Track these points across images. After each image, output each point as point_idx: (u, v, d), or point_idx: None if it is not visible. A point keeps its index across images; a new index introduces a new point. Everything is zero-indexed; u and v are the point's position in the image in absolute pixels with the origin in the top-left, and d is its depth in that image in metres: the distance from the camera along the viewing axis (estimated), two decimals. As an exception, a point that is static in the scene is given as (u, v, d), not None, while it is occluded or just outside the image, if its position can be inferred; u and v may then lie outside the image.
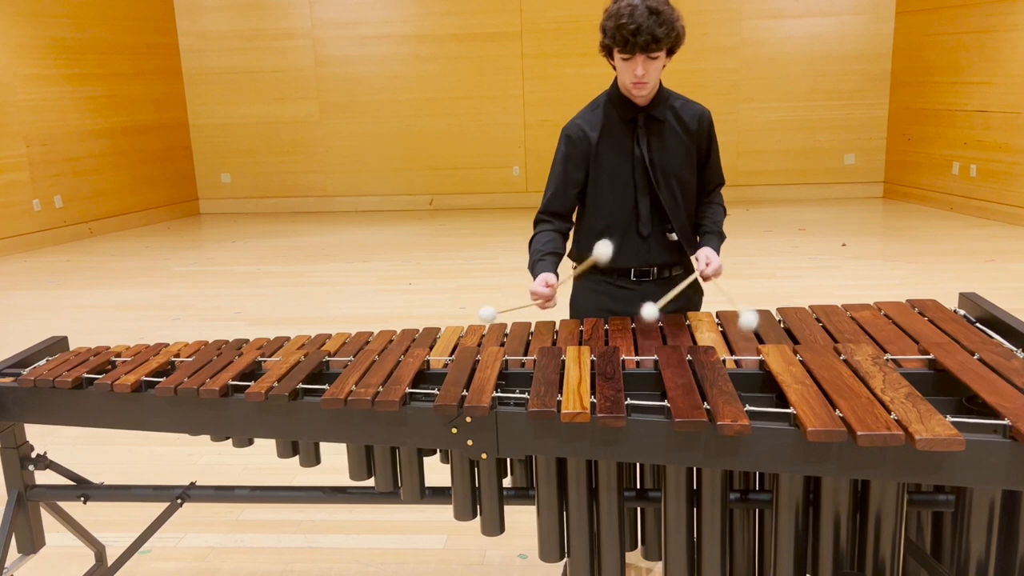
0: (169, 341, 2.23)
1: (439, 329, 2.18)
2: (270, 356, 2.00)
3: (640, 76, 2.02)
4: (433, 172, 9.38)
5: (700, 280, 2.20)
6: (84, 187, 8.28)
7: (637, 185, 2.17)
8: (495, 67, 9.02)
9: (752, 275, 5.66)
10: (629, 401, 1.59)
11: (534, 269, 2.16)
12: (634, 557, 2.37)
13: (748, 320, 1.92)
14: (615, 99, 2.17)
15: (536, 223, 2.27)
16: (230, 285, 6.34)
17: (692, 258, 2.24)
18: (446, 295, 5.81)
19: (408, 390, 1.72)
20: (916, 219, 7.89)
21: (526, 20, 8.83)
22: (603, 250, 2.03)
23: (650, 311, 1.99)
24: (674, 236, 2.21)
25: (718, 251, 2.21)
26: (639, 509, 2.08)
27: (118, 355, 2.08)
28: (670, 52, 2.05)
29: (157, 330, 5.17)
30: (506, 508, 1.83)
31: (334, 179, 9.50)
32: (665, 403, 1.57)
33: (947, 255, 6.41)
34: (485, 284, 6.06)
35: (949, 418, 1.41)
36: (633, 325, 2.08)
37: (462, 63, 9.05)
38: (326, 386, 1.77)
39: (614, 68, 2.12)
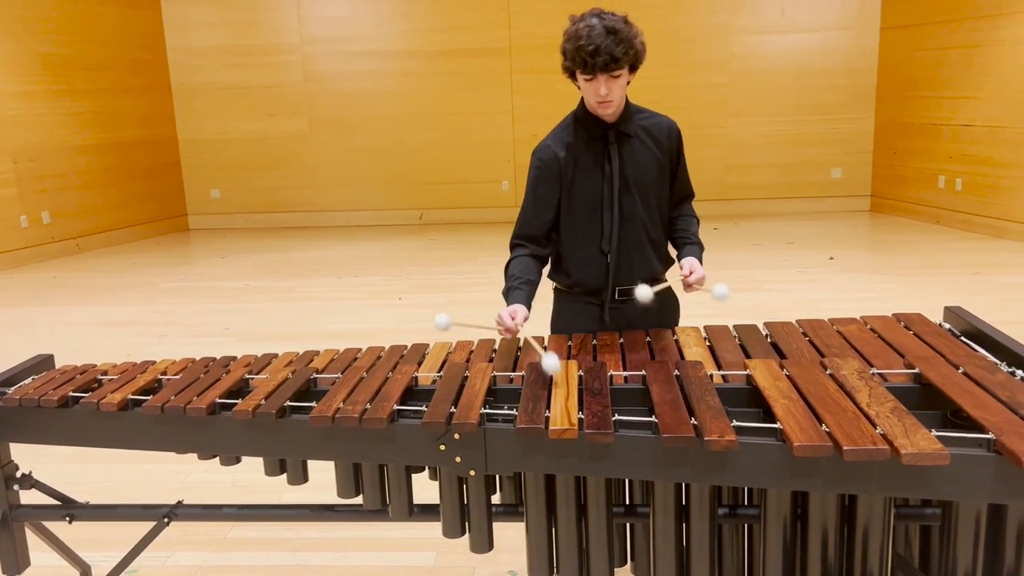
0: (157, 358, 2.22)
1: (428, 345, 2.18)
2: (258, 373, 1.99)
3: (604, 95, 2.03)
4: (423, 187, 9.39)
5: (683, 288, 2.20)
6: (72, 203, 8.25)
7: (603, 201, 2.17)
8: (484, 83, 9.06)
9: (740, 288, 5.68)
10: (617, 417, 1.59)
11: (507, 296, 2.12)
12: (624, 573, 2.36)
13: (720, 291, 1.97)
14: (583, 118, 2.17)
15: (512, 247, 2.24)
16: (219, 301, 6.32)
17: (676, 267, 2.24)
18: (436, 310, 5.75)
19: (396, 407, 1.72)
20: (903, 232, 7.95)
21: (515, 36, 8.88)
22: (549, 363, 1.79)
23: (644, 292, 2.06)
24: (609, 258, 2.18)
25: (700, 260, 2.22)
26: (628, 525, 2.08)
27: (104, 373, 2.07)
28: (632, 69, 2.06)
29: (145, 347, 5.14)
30: (495, 524, 1.83)
31: (324, 194, 9.50)
32: (653, 419, 1.57)
33: (934, 268, 6.46)
34: (475, 298, 6.06)
35: (934, 432, 1.42)
36: (621, 340, 2.09)
37: (452, 79, 9.09)
38: (314, 403, 1.76)
39: (579, 88, 2.13)
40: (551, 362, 1.75)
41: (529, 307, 2.08)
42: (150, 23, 9.04)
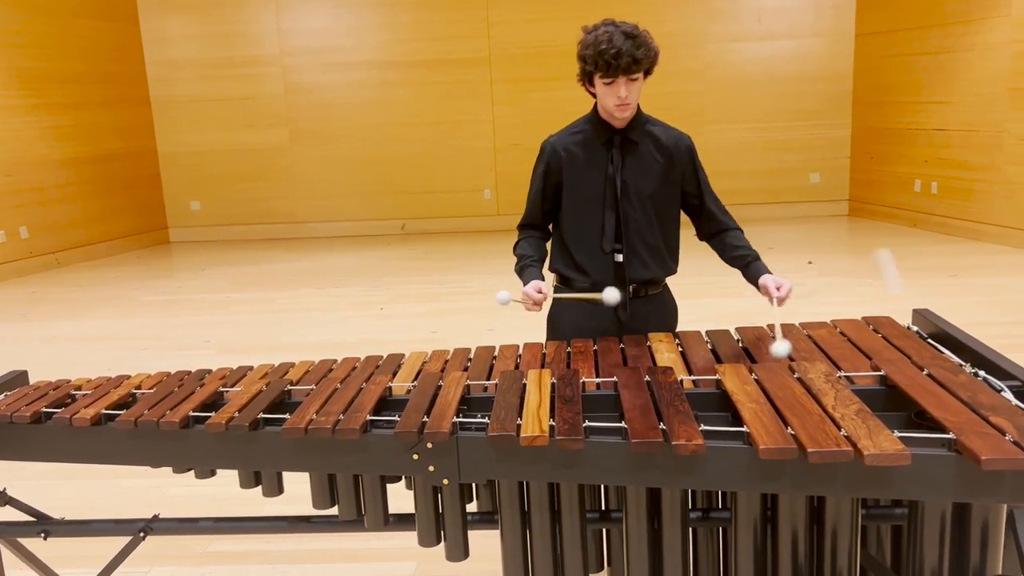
0: (139, 372, 2.21)
1: (403, 355, 2.19)
2: (232, 386, 1.99)
3: (624, 98, 2.10)
4: (404, 197, 9.40)
5: (776, 306, 2.14)
6: (51, 217, 8.19)
7: (605, 203, 2.23)
8: (465, 92, 9.09)
9: (720, 294, 5.72)
10: (587, 423, 1.61)
11: (523, 274, 2.28)
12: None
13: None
14: (594, 122, 2.25)
15: (519, 229, 2.41)
16: (200, 314, 6.30)
17: (761, 287, 2.22)
18: (418, 320, 5.81)
19: (369, 418, 1.73)
20: (880, 236, 8.03)
21: (494, 46, 8.92)
22: (610, 295, 2.15)
23: (612, 295, 2.12)
24: (619, 257, 2.25)
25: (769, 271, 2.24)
26: (604, 530, 2.10)
27: (78, 388, 2.06)
28: (647, 73, 2.14)
29: (125, 361, 5.11)
30: (476, 532, 1.84)
31: (305, 205, 9.48)
32: (623, 424, 1.59)
33: (911, 271, 6.53)
34: (457, 308, 6.07)
35: (897, 433, 1.44)
36: (595, 347, 2.11)
37: (432, 89, 9.11)
38: (287, 415, 1.77)
39: (593, 95, 2.20)
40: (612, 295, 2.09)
41: (542, 279, 2.24)
42: (128, 36, 9.01)
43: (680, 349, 2.07)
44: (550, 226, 2.40)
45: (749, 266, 2.31)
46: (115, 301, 6.79)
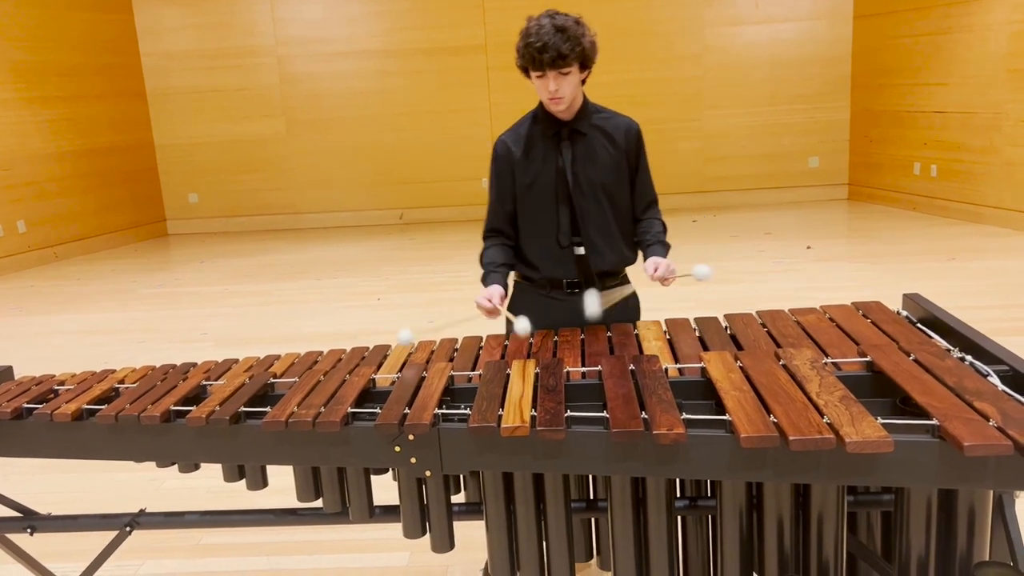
0: (135, 365, 2.20)
1: (389, 346, 2.17)
2: (216, 380, 1.98)
3: (554, 92, 2.07)
4: (402, 186, 9.37)
5: (661, 284, 2.19)
6: (48, 211, 8.19)
7: (558, 196, 2.21)
8: (461, 80, 9.06)
9: (718, 280, 5.69)
10: (569, 413, 1.59)
11: (485, 281, 2.21)
12: (594, 569, 2.37)
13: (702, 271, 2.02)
14: (540, 115, 2.22)
15: (484, 238, 2.34)
16: (197, 306, 6.29)
17: (642, 268, 2.25)
18: (416, 309, 5.80)
19: (351, 410, 1.72)
20: (880, 220, 7.99)
21: (490, 33, 8.88)
22: (521, 325, 2.03)
23: (592, 307, 2.04)
24: (581, 250, 2.23)
25: (664, 257, 2.23)
26: (594, 520, 2.09)
27: (61, 383, 2.05)
28: (584, 67, 2.10)
29: (122, 354, 5.11)
30: (467, 524, 1.82)
31: (303, 196, 9.46)
32: (605, 414, 1.57)
33: (910, 255, 6.50)
34: (455, 297, 6.05)
35: (881, 420, 1.42)
36: (583, 336, 2.09)
37: (428, 77, 9.07)
38: (269, 408, 1.76)
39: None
40: (523, 325, 1.98)
41: (505, 287, 2.18)
42: (123, 28, 8.97)
43: (667, 337, 2.05)
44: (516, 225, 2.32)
45: (647, 249, 2.29)
46: (113, 294, 6.78)
